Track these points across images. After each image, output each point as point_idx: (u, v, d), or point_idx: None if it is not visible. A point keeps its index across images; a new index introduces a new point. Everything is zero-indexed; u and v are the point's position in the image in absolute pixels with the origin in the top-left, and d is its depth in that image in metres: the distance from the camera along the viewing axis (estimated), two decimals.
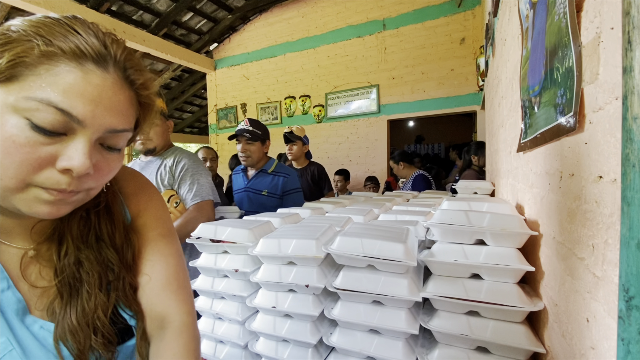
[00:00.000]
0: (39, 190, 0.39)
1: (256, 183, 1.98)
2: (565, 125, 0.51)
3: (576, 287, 0.48)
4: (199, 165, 1.60)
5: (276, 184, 1.94)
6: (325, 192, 2.85)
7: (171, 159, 1.57)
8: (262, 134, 1.95)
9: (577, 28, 0.46)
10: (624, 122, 0.27)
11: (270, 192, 1.93)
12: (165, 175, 1.54)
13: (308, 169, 2.82)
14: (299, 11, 5.11)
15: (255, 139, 1.92)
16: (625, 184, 0.27)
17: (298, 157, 2.79)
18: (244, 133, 1.89)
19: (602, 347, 0.39)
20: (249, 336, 0.89)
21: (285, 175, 1.99)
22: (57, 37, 0.38)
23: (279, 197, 1.93)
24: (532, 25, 0.74)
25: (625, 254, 0.27)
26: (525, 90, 0.81)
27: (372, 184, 4.23)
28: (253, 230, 0.92)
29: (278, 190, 1.94)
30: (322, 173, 2.85)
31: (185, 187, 1.53)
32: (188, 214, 1.49)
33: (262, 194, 1.94)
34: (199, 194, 1.52)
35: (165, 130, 1.63)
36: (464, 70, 4.08)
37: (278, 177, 1.97)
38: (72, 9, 3.73)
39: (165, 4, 4.61)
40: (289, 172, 2.01)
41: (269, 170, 1.98)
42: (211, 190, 1.57)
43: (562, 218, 0.55)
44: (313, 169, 2.82)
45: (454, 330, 0.67)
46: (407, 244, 0.73)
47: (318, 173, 2.81)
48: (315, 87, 5.08)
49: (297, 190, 2.00)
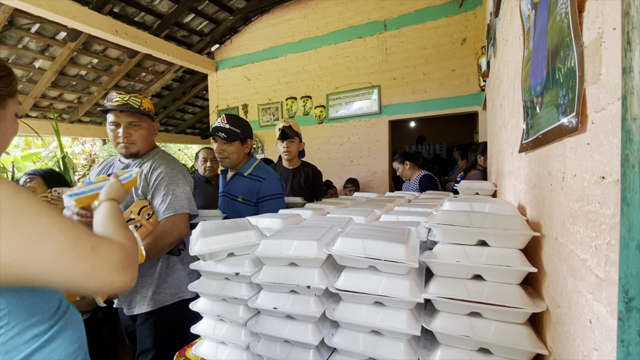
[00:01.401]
0: None
1: (232, 187, 1.75)
2: (567, 125, 0.51)
3: (579, 288, 0.48)
4: (177, 174, 1.45)
5: (251, 190, 1.69)
6: (319, 196, 2.53)
7: (148, 165, 1.44)
8: (241, 133, 1.70)
9: (579, 28, 0.46)
10: (624, 122, 0.27)
11: (246, 198, 1.69)
12: (140, 183, 1.40)
13: (302, 170, 2.49)
14: (300, 12, 5.12)
15: (233, 139, 1.67)
16: (625, 184, 0.27)
17: (295, 156, 2.46)
18: (219, 132, 1.65)
19: (605, 349, 0.39)
20: (250, 337, 0.89)
21: (260, 179, 1.71)
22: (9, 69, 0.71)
23: (254, 204, 1.68)
24: (534, 26, 0.74)
25: (625, 255, 0.27)
26: (527, 91, 0.81)
27: (353, 186, 4.00)
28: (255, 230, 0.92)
29: (253, 196, 1.68)
30: (317, 176, 2.53)
31: (159, 197, 1.39)
32: (158, 229, 1.36)
33: (238, 200, 1.70)
34: (172, 206, 1.37)
35: (150, 133, 1.51)
36: (466, 70, 4.07)
37: (254, 181, 1.71)
38: (74, 10, 3.75)
39: (167, 6, 4.63)
40: (266, 175, 1.73)
41: (245, 173, 1.73)
42: (187, 201, 1.43)
43: (564, 219, 0.55)
44: (307, 170, 2.49)
45: (455, 332, 0.67)
46: (409, 245, 0.73)
47: (313, 176, 2.48)
48: (317, 87, 5.09)
49: (275, 197, 1.70)
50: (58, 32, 4.51)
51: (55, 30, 4.45)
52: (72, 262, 0.55)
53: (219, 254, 0.90)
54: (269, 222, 1.12)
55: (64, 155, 4.56)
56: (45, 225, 0.54)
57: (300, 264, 0.81)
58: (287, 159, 2.45)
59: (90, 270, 0.56)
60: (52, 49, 4.77)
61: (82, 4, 3.91)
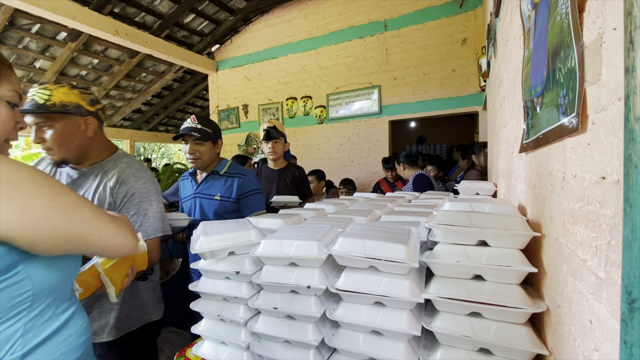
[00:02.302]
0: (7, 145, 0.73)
1: (207, 187, 1.73)
2: (567, 125, 0.51)
3: (579, 288, 0.48)
4: (150, 187, 1.25)
5: (230, 187, 1.70)
6: (305, 197, 2.49)
7: (114, 178, 1.21)
8: (212, 133, 1.70)
9: (579, 28, 0.46)
10: (626, 122, 0.27)
11: (224, 196, 1.69)
12: (106, 197, 1.20)
13: (287, 171, 2.47)
14: (300, 12, 5.12)
15: (206, 139, 1.66)
16: (628, 185, 0.27)
17: (281, 156, 2.43)
18: (191, 132, 1.63)
19: (605, 349, 0.39)
20: (250, 337, 0.89)
21: (240, 175, 1.74)
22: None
23: (234, 201, 1.69)
24: (534, 26, 0.74)
25: (628, 256, 0.26)
26: (528, 91, 0.81)
27: (347, 188, 3.74)
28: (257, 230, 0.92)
29: (233, 193, 1.69)
30: (303, 177, 2.51)
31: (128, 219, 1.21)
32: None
33: (215, 198, 1.69)
34: (144, 230, 1.21)
35: (75, 132, 1.16)
36: (466, 70, 4.08)
37: (232, 178, 1.72)
38: (74, 10, 3.75)
39: (167, 6, 4.63)
40: (244, 172, 1.77)
41: (221, 171, 1.73)
42: (160, 221, 1.27)
43: (564, 219, 0.55)
44: (294, 171, 2.47)
45: (456, 332, 0.67)
46: (409, 245, 0.73)
47: (299, 176, 2.47)
48: (317, 88, 5.09)
49: (256, 192, 1.76)
50: (58, 33, 4.51)
51: (56, 31, 4.46)
52: (102, 224, 0.68)
53: (221, 252, 0.90)
54: (269, 223, 1.12)
55: None
56: (75, 198, 0.66)
57: (301, 264, 0.81)
58: (273, 159, 2.43)
59: (114, 229, 0.71)
60: (53, 49, 4.78)
61: (83, 4, 3.92)
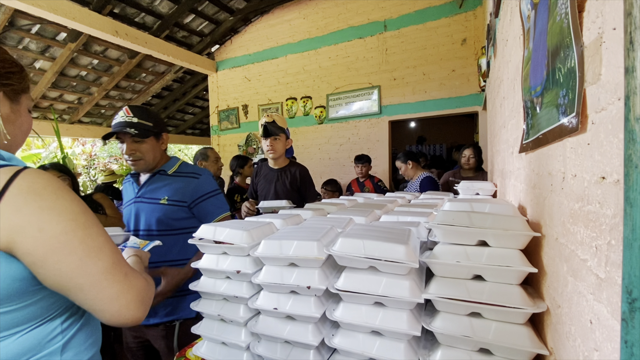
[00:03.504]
0: None
1: (151, 190, 1.42)
2: (567, 125, 0.51)
3: (579, 288, 0.48)
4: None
5: (181, 189, 1.41)
6: (308, 201, 2.19)
7: None
8: (154, 126, 1.38)
9: (579, 28, 0.46)
10: (627, 123, 0.27)
11: (173, 199, 1.39)
12: None
13: (288, 170, 2.18)
14: (300, 12, 5.12)
15: (146, 134, 1.35)
16: (628, 185, 0.27)
17: (281, 155, 2.16)
18: (126, 129, 1.30)
19: (605, 349, 0.39)
20: (250, 338, 0.89)
21: (194, 175, 1.46)
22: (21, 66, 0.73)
23: (187, 206, 1.41)
24: (534, 26, 0.74)
25: (629, 255, 0.26)
26: (527, 91, 0.81)
27: (331, 189, 3.53)
28: (251, 231, 0.92)
29: (186, 196, 1.40)
30: (305, 178, 2.21)
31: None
32: None
33: (161, 202, 1.39)
34: None
35: None
36: (466, 71, 4.08)
37: (184, 178, 1.44)
38: (74, 11, 3.75)
39: (167, 6, 4.63)
40: (199, 171, 1.49)
41: (169, 171, 1.44)
42: None
43: (564, 219, 0.55)
44: (294, 171, 2.18)
45: (456, 332, 0.67)
46: (409, 245, 0.73)
47: (301, 177, 2.18)
48: (317, 88, 5.09)
49: (216, 192, 1.49)
50: (58, 33, 4.51)
51: (56, 31, 4.45)
52: (109, 282, 0.61)
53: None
54: None
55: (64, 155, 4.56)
56: (102, 243, 0.62)
57: (301, 264, 0.81)
58: (272, 157, 2.18)
59: (117, 294, 0.61)
60: (53, 50, 4.78)
61: (83, 5, 3.92)
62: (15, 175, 0.56)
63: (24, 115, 0.73)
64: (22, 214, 0.55)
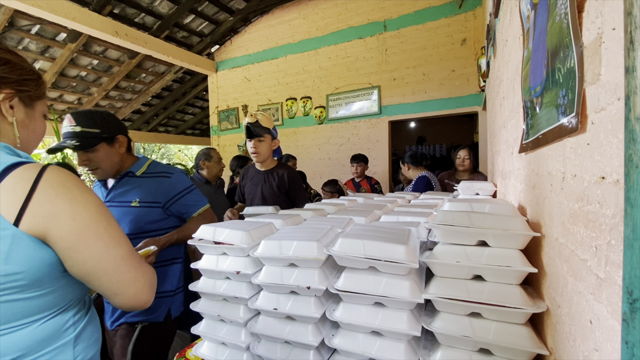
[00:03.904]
0: None
1: (120, 193, 1.37)
2: (567, 125, 0.51)
3: (579, 288, 0.47)
4: None
5: (154, 190, 1.37)
6: (298, 205, 2.05)
7: None
8: (102, 132, 1.27)
9: (578, 29, 0.46)
10: (627, 122, 0.27)
11: (145, 201, 1.35)
12: None
13: (275, 173, 2.06)
14: (300, 13, 5.12)
15: (91, 143, 1.25)
16: (629, 185, 0.27)
17: (267, 157, 2.05)
18: (67, 142, 1.21)
19: (605, 349, 0.39)
20: (250, 338, 0.89)
21: (165, 174, 1.40)
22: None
23: (161, 206, 1.37)
24: (534, 26, 0.74)
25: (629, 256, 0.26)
26: (527, 91, 0.81)
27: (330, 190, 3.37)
28: (251, 232, 0.92)
29: (159, 197, 1.36)
30: (293, 179, 2.06)
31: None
32: None
33: (132, 205, 1.34)
34: None
35: None
36: (465, 71, 4.08)
37: (155, 179, 1.39)
38: (74, 11, 3.75)
39: (167, 7, 4.64)
40: (170, 170, 1.44)
41: (137, 172, 1.38)
42: None
43: (564, 219, 0.55)
44: (282, 173, 2.04)
45: (456, 332, 0.67)
46: (409, 246, 0.73)
47: (289, 180, 2.04)
48: (317, 88, 5.09)
49: (191, 189, 1.45)
50: (58, 33, 4.51)
51: (56, 32, 4.45)
52: (127, 267, 0.69)
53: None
54: None
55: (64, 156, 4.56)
56: (120, 232, 0.70)
57: (300, 264, 0.81)
58: (257, 160, 2.07)
59: (134, 278, 0.69)
60: (53, 50, 4.78)
61: (83, 5, 3.92)
62: (43, 170, 0.62)
63: (38, 120, 0.78)
64: (55, 204, 0.61)
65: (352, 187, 3.70)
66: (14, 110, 0.70)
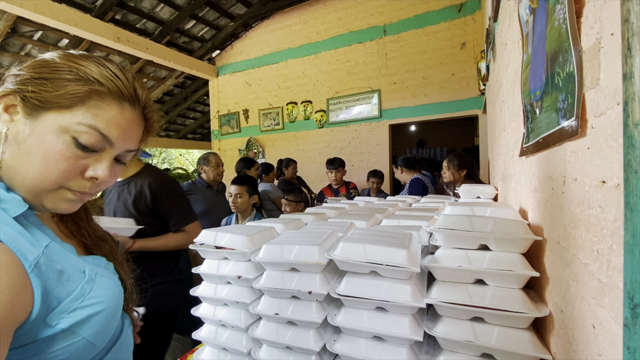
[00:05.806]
0: (66, 191, 0.51)
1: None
2: (567, 129, 0.51)
3: (581, 293, 0.47)
4: None
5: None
6: (172, 227, 1.54)
7: None
8: None
9: (577, 34, 0.47)
10: (625, 128, 0.27)
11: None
12: None
13: (132, 184, 1.52)
14: (300, 18, 5.16)
15: None
16: (628, 190, 0.27)
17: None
18: None
19: (608, 354, 0.38)
20: (251, 343, 0.89)
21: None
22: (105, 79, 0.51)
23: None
24: (533, 31, 0.74)
25: (630, 261, 0.26)
26: (527, 95, 0.81)
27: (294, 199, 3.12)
28: (252, 236, 0.92)
29: None
30: (162, 193, 1.52)
31: None
32: None
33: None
34: None
35: None
36: (465, 74, 4.09)
37: None
38: (76, 17, 3.78)
39: (168, 13, 4.67)
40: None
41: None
42: None
43: (566, 223, 0.55)
44: (141, 184, 1.50)
45: (458, 337, 0.67)
46: (410, 250, 0.73)
47: (155, 192, 1.50)
48: (317, 92, 5.11)
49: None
50: (60, 39, 4.55)
51: (58, 38, 4.49)
52: None
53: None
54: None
55: None
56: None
57: (302, 269, 0.81)
58: None
59: None
60: None
61: (85, 12, 3.95)
62: None
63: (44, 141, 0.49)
64: None
65: (331, 195, 3.41)
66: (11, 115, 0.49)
